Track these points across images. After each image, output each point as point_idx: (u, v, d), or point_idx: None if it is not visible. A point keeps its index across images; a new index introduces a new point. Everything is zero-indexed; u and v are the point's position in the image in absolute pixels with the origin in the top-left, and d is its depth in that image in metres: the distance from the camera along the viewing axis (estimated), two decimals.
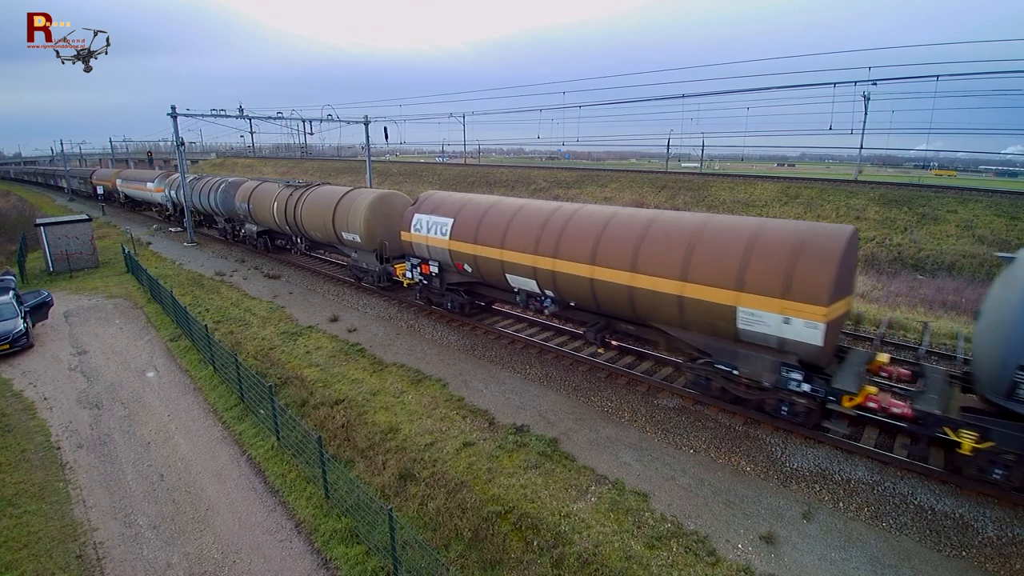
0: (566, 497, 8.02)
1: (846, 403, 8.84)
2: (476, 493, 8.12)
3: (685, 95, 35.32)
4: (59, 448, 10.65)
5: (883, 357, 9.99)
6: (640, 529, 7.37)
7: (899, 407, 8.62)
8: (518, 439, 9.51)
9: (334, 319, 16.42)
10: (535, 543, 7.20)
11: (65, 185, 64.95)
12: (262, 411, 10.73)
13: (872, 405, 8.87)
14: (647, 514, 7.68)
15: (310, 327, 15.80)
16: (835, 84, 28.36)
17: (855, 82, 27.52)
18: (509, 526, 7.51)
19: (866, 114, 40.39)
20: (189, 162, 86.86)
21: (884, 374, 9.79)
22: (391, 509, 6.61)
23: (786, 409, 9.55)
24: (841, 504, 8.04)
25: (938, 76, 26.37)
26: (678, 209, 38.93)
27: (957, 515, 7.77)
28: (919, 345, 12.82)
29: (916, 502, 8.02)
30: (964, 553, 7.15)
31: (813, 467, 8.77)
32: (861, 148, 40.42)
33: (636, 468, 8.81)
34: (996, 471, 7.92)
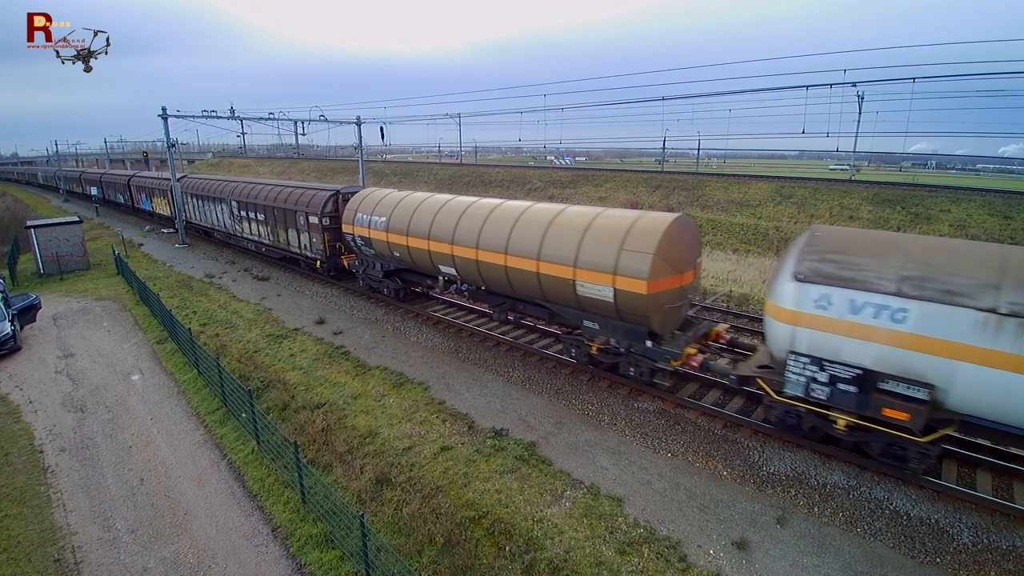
0: (540, 502, 8.03)
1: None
2: (451, 498, 8.14)
3: (665, 98, 35.58)
4: (42, 452, 10.67)
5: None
6: (612, 535, 7.39)
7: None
8: (496, 443, 9.51)
9: (320, 321, 16.43)
10: (507, 549, 7.21)
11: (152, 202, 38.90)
12: (244, 415, 10.74)
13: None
14: (620, 519, 7.69)
15: (296, 329, 15.80)
16: (807, 87, 28.57)
17: (830, 84, 27.58)
18: (482, 531, 7.53)
19: (860, 114, 40.47)
20: (186, 162, 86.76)
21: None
22: (362, 516, 6.63)
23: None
24: (816, 509, 8.05)
25: (915, 78, 26.50)
26: (672, 209, 39.01)
27: (933, 521, 7.77)
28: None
29: (892, 507, 8.03)
30: (938, 559, 7.15)
31: (790, 471, 8.78)
32: (855, 149, 40.47)
33: (612, 472, 8.82)
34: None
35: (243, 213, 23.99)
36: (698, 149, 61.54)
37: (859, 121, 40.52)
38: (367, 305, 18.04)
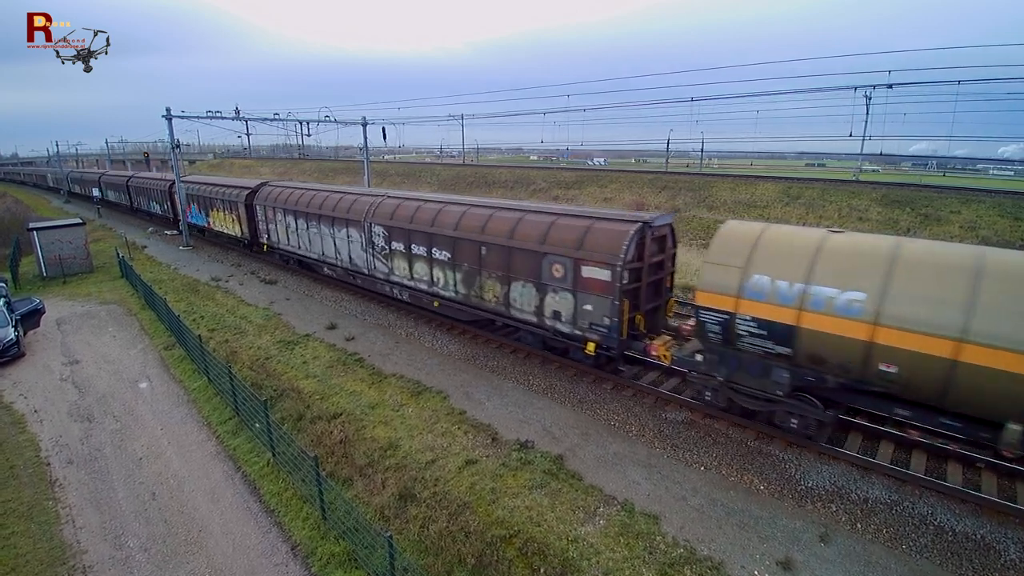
0: (573, 520, 7.70)
1: None
2: (479, 515, 7.80)
3: (694, 99, 35.22)
4: (49, 464, 10.36)
5: None
6: (652, 555, 7.06)
7: None
8: (522, 456, 9.18)
9: (332, 327, 16.06)
10: (542, 570, 6.89)
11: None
12: (257, 425, 10.41)
13: None
14: (658, 538, 7.37)
15: (307, 335, 15.44)
16: (855, 88, 28.21)
17: (874, 86, 27.26)
18: (514, 551, 7.20)
19: (868, 115, 40.26)
20: (187, 163, 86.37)
21: None
22: (390, 536, 6.31)
23: None
24: (859, 525, 7.74)
25: (960, 81, 26.08)
26: (678, 210, 38.69)
27: (978, 536, 7.50)
28: None
29: (936, 523, 7.74)
30: None
31: (829, 485, 8.47)
32: (862, 151, 40.26)
33: (645, 487, 8.49)
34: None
35: (397, 246, 15.74)
36: (701, 150, 61.33)
37: (867, 123, 40.37)
38: (378, 309, 17.68)
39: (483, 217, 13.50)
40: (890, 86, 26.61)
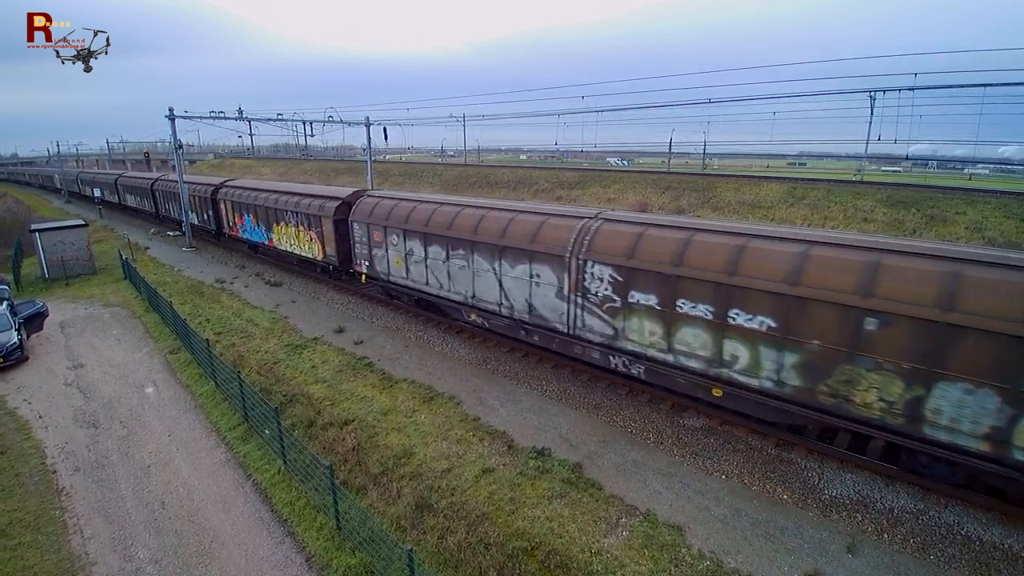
0: (596, 531, 7.54)
1: None
2: (499, 526, 7.64)
3: (712, 100, 35.13)
4: (55, 471, 10.16)
5: None
6: (678, 568, 6.90)
7: None
8: (540, 464, 9.01)
9: (340, 330, 15.87)
10: None
11: None
12: (267, 431, 10.23)
13: None
14: (684, 550, 7.21)
15: (315, 339, 15.26)
16: (884, 91, 28.23)
17: (900, 89, 27.18)
18: (537, 564, 7.03)
19: (872, 114, 40.17)
20: (187, 163, 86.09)
21: None
22: (411, 550, 6.12)
23: None
24: (886, 535, 7.59)
25: (985, 85, 25.89)
26: (682, 211, 38.51)
27: (1006, 546, 7.36)
28: None
29: (963, 532, 7.60)
30: None
31: (853, 494, 8.31)
32: (867, 152, 40.15)
33: (667, 497, 8.32)
34: None
35: (642, 298, 10.31)
36: (704, 152, 61.21)
37: (870, 123, 40.28)
38: (386, 312, 17.49)
39: (858, 266, 8.12)
40: (912, 88, 26.47)
